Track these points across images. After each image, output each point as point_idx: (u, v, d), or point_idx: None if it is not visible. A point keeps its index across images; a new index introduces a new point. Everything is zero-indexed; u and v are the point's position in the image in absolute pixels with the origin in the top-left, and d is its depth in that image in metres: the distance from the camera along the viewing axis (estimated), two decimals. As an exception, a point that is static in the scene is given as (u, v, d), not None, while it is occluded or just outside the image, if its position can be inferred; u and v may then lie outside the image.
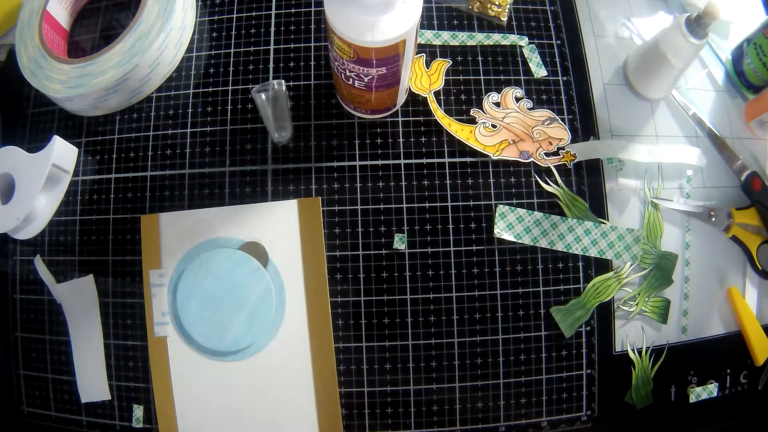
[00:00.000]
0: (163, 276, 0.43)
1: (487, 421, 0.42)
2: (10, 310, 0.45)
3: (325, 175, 0.44)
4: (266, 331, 0.42)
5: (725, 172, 0.47)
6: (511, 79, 0.47)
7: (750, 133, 0.48)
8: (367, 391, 0.42)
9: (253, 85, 0.46)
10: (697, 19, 0.40)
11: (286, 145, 0.45)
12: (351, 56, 0.36)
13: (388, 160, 0.45)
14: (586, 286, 0.43)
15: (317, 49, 0.47)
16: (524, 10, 0.49)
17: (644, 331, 0.44)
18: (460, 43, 0.47)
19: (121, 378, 0.43)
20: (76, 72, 0.44)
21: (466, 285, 0.43)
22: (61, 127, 0.47)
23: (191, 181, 0.44)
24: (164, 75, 0.46)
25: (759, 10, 0.53)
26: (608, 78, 0.48)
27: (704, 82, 0.50)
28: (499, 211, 0.44)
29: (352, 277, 0.43)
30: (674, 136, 0.47)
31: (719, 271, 0.45)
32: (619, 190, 0.45)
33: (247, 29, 0.48)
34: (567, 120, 0.46)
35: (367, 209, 0.44)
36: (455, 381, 0.42)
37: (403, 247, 0.43)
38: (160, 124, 0.46)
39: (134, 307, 0.43)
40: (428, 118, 0.45)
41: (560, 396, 0.42)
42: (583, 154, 0.45)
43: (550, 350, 0.43)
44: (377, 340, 0.42)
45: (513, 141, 0.45)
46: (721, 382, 0.44)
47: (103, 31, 0.49)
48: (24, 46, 0.46)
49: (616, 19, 0.50)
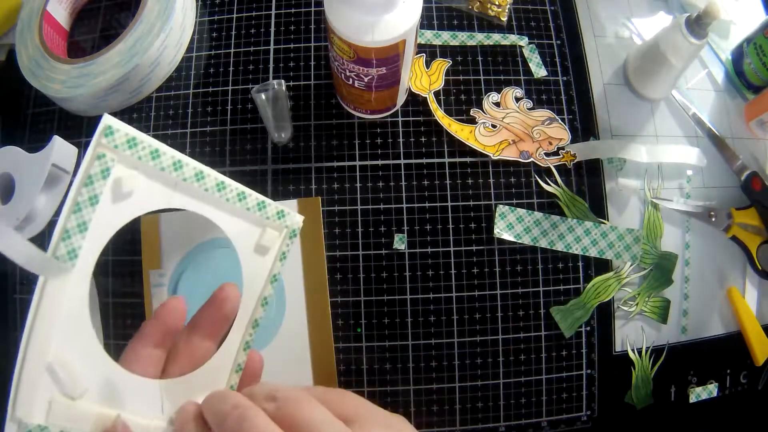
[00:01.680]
0: (163, 276, 0.43)
1: (487, 421, 0.42)
2: (10, 310, 0.45)
3: (325, 175, 0.44)
4: (266, 331, 0.42)
5: (725, 172, 0.47)
6: (511, 79, 0.47)
7: (750, 133, 0.48)
8: (367, 391, 0.42)
9: (253, 85, 0.46)
10: (697, 19, 0.40)
11: (286, 145, 0.45)
12: (351, 56, 0.36)
13: (388, 160, 0.45)
14: (586, 286, 0.43)
15: (317, 49, 0.47)
16: (524, 10, 0.49)
17: (644, 331, 0.44)
18: (460, 43, 0.47)
19: (121, 378, 0.43)
20: (76, 72, 0.44)
21: (466, 285, 0.43)
22: (61, 127, 0.47)
23: (191, 181, 0.44)
24: (164, 75, 0.46)
25: (759, 10, 0.53)
26: (608, 78, 0.48)
27: (704, 82, 0.50)
28: (499, 211, 0.44)
29: (352, 277, 0.43)
30: (674, 136, 0.47)
31: (719, 271, 0.45)
32: (619, 190, 0.45)
33: (247, 29, 0.48)
34: (567, 120, 0.46)
35: (367, 209, 0.44)
36: (455, 381, 0.42)
37: (403, 247, 0.43)
38: (160, 124, 0.46)
39: (134, 307, 0.43)
40: (428, 118, 0.45)
41: (560, 396, 0.42)
42: (583, 154, 0.45)
43: (550, 350, 0.43)
44: (377, 340, 0.42)
45: (513, 141, 0.45)
46: (721, 382, 0.44)
47: (103, 31, 0.49)
48: (24, 46, 0.46)
49: (616, 19, 0.50)
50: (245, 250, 0.29)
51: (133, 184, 0.24)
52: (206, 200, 0.27)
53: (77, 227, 0.23)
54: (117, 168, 0.23)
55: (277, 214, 0.29)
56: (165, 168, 0.25)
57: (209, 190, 0.26)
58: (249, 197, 0.28)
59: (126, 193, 0.24)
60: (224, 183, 0.27)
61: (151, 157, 0.24)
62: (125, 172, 0.24)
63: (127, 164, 0.24)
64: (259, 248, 0.29)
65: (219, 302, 0.28)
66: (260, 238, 0.29)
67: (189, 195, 0.26)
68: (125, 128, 0.23)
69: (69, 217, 0.23)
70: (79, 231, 0.23)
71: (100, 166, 0.23)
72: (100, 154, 0.23)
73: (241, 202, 0.28)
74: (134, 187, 0.24)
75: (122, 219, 0.24)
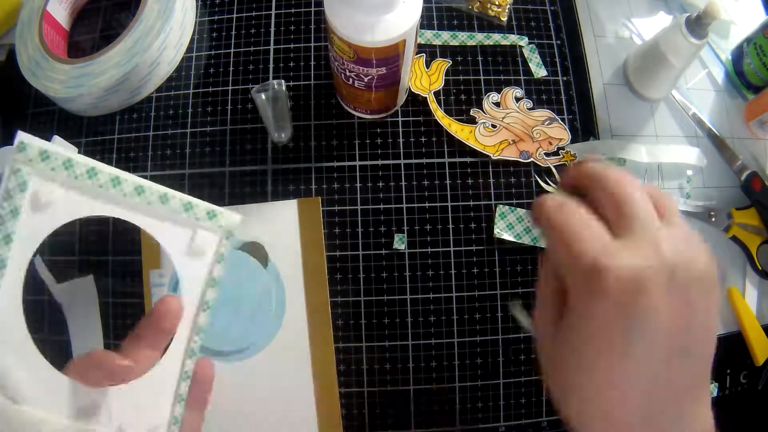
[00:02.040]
0: (163, 276, 0.43)
1: (487, 421, 0.42)
2: None
3: (325, 175, 0.44)
4: (266, 332, 0.42)
5: (725, 172, 0.47)
6: (511, 79, 0.47)
7: (750, 133, 0.48)
8: (367, 391, 0.42)
9: (253, 85, 0.46)
10: (697, 19, 0.40)
11: (286, 145, 0.45)
12: (351, 56, 0.36)
13: (388, 160, 0.45)
14: (586, 286, 0.43)
15: (317, 49, 0.47)
16: (524, 10, 0.49)
17: (644, 331, 0.43)
18: (460, 43, 0.47)
19: (121, 378, 0.43)
20: (76, 72, 0.44)
21: (466, 285, 0.43)
22: (61, 127, 0.47)
23: (191, 181, 0.44)
24: (164, 75, 0.46)
25: (759, 10, 0.53)
26: (608, 78, 0.48)
27: (704, 82, 0.50)
28: (499, 211, 0.44)
29: (352, 277, 0.43)
30: (674, 136, 0.47)
31: (719, 272, 0.45)
32: (619, 190, 0.45)
33: (247, 29, 0.48)
34: (567, 120, 0.46)
35: (367, 209, 0.44)
36: (455, 381, 0.42)
37: (402, 247, 0.43)
38: (160, 124, 0.46)
39: (134, 307, 0.43)
40: (428, 118, 0.45)
41: (560, 396, 0.42)
42: (583, 154, 0.45)
43: (550, 350, 0.43)
44: (377, 340, 0.42)
45: (513, 141, 0.45)
46: (721, 382, 0.44)
47: (103, 31, 0.49)
48: (24, 46, 0.46)
49: (616, 19, 0.50)
50: (178, 254, 0.28)
51: (52, 196, 0.25)
52: (129, 206, 0.27)
53: (2, 239, 0.24)
54: (34, 180, 0.24)
55: (207, 215, 0.28)
56: (78, 177, 0.25)
57: (128, 195, 0.26)
58: (172, 199, 0.28)
59: (45, 204, 0.25)
60: (143, 187, 0.27)
61: (64, 167, 0.25)
62: (42, 185, 0.25)
63: (43, 177, 0.25)
64: (192, 251, 0.28)
65: (158, 316, 0.27)
66: (192, 241, 0.28)
67: (111, 202, 0.27)
68: (38, 142, 0.24)
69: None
70: (4, 243, 0.24)
71: (16, 179, 0.24)
72: (15, 168, 0.24)
73: (165, 204, 0.27)
74: (53, 198, 0.25)
75: (45, 230, 0.25)
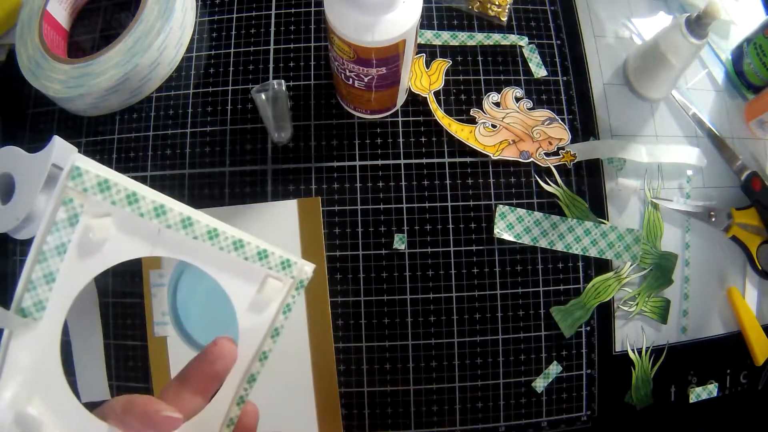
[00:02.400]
0: (163, 276, 0.43)
1: (487, 421, 0.42)
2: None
3: (325, 175, 0.44)
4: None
5: (725, 172, 0.47)
6: (511, 79, 0.47)
7: (750, 133, 0.48)
8: (367, 391, 0.42)
9: (253, 85, 0.46)
10: (697, 19, 0.40)
11: (286, 145, 0.45)
12: (351, 56, 0.36)
13: (388, 160, 0.45)
14: (586, 286, 0.43)
15: (317, 49, 0.47)
16: (524, 10, 0.49)
17: (644, 331, 0.44)
18: (460, 43, 0.47)
19: (121, 378, 0.43)
20: (76, 72, 0.44)
21: (466, 285, 0.43)
22: (61, 127, 0.47)
23: (191, 181, 0.44)
24: (164, 75, 0.46)
25: (759, 10, 0.53)
26: (608, 78, 0.48)
27: (704, 82, 0.50)
28: (499, 211, 0.44)
29: (352, 277, 0.43)
30: (674, 136, 0.47)
31: (719, 271, 0.45)
32: (619, 190, 0.45)
33: (247, 29, 0.48)
34: (567, 120, 0.46)
35: (367, 209, 0.44)
36: (455, 381, 0.42)
37: (403, 247, 0.43)
38: (160, 124, 0.46)
39: (134, 307, 0.43)
40: (428, 118, 0.45)
41: (560, 396, 0.42)
42: (583, 154, 0.45)
43: (550, 350, 0.43)
44: (377, 340, 0.42)
45: (513, 141, 0.45)
46: (721, 382, 0.44)
47: (103, 31, 0.49)
48: (24, 46, 0.46)
49: (616, 19, 0.50)
50: (243, 302, 0.26)
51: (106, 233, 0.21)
52: (196, 248, 0.24)
53: (43, 278, 0.21)
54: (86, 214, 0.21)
55: (281, 264, 0.26)
56: (144, 214, 0.22)
57: (199, 238, 0.23)
58: (247, 246, 0.25)
59: (97, 243, 0.21)
60: (217, 230, 0.24)
61: (127, 202, 0.21)
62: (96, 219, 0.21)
63: (98, 210, 0.21)
64: (259, 301, 0.26)
65: (211, 359, 0.25)
66: (261, 290, 0.26)
67: (175, 242, 0.23)
68: (97, 169, 0.21)
69: (33, 267, 0.20)
70: (45, 282, 0.21)
71: (66, 212, 0.20)
72: (66, 199, 0.20)
73: (237, 250, 0.25)
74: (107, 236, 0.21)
75: (93, 271, 0.22)
